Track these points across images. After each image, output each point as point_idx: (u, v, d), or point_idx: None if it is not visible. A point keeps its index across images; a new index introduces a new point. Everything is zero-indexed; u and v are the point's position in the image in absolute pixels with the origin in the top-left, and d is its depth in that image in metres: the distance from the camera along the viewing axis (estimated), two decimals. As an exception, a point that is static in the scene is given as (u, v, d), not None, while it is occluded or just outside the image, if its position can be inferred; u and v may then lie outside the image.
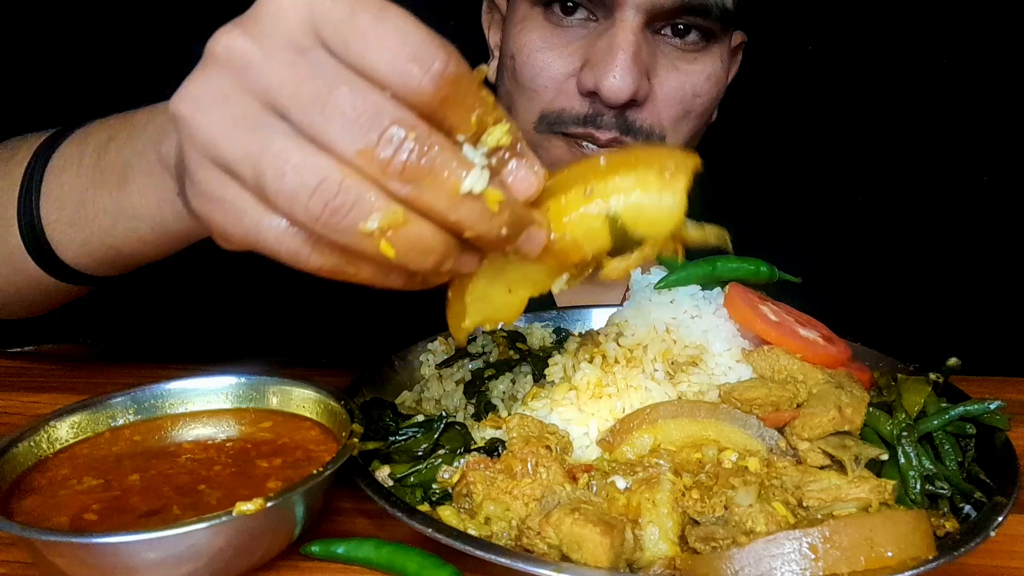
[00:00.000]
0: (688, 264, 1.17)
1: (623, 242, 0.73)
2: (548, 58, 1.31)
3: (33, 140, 1.07)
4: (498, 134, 0.63)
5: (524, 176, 0.66)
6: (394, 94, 0.59)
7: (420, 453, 0.99)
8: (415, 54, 0.59)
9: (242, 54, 0.63)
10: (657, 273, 1.17)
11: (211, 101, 0.63)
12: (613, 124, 1.30)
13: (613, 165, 0.71)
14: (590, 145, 1.33)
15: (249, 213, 0.63)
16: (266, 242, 0.64)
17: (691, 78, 1.34)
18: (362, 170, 0.60)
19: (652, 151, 0.73)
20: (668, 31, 1.31)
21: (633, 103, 1.28)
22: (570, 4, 1.29)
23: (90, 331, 1.35)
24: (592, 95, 1.29)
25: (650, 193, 0.71)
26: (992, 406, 1.00)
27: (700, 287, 1.15)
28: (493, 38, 1.52)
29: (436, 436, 1.01)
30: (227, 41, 0.64)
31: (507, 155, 0.64)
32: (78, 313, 1.26)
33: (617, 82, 1.23)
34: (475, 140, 0.63)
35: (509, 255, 0.69)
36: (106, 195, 0.95)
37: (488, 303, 0.76)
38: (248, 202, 0.63)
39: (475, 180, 0.61)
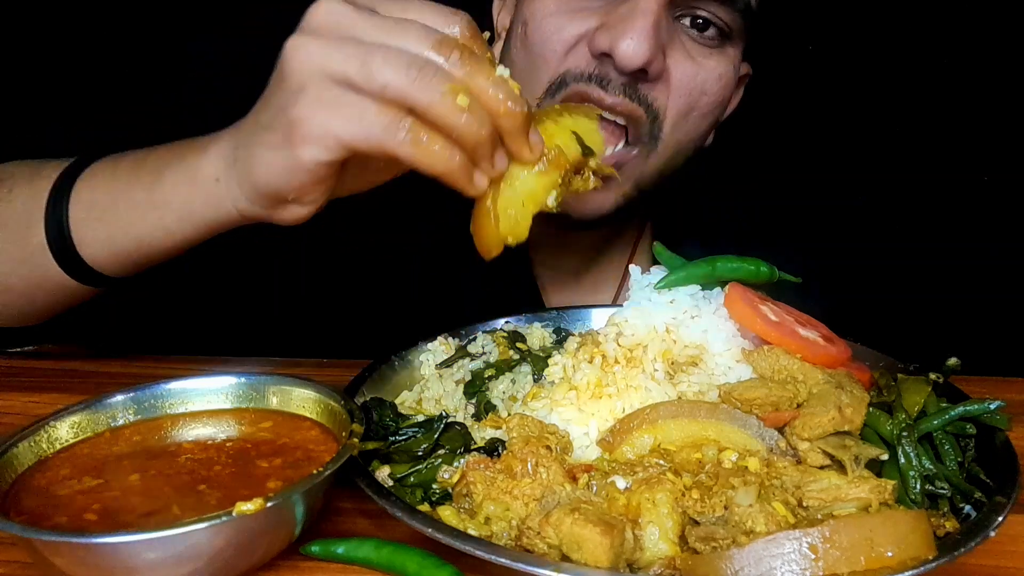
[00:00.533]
0: (688, 264, 1.17)
1: (582, 156, 1.00)
2: (561, 22, 1.29)
3: (58, 162, 1.18)
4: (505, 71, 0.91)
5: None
6: (440, 30, 0.88)
7: (420, 453, 0.99)
8: (449, 13, 0.90)
9: (337, 7, 0.88)
10: (657, 273, 1.17)
11: (322, 33, 0.88)
12: (620, 88, 1.27)
13: (563, 107, 1.04)
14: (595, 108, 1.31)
15: (357, 104, 0.86)
16: (368, 123, 0.86)
17: (703, 71, 1.32)
18: (436, 59, 0.85)
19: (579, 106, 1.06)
20: (688, 21, 1.29)
21: (644, 74, 1.26)
22: None
23: (90, 331, 1.35)
24: (603, 57, 1.25)
25: (591, 121, 1.05)
26: (992, 406, 1.00)
27: (700, 287, 1.15)
28: (502, 21, 1.51)
29: (436, 436, 1.01)
30: (323, 4, 0.89)
31: None
32: (78, 313, 1.27)
33: (634, 44, 1.20)
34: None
35: (521, 164, 0.94)
36: (139, 191, 1.08)
37: (510, 214, 0.96)
38: (354, 98, 0.86)
39: (503, 70, 0.90)
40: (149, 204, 1.07)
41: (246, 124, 0.99)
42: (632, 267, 1.22)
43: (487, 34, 0.93)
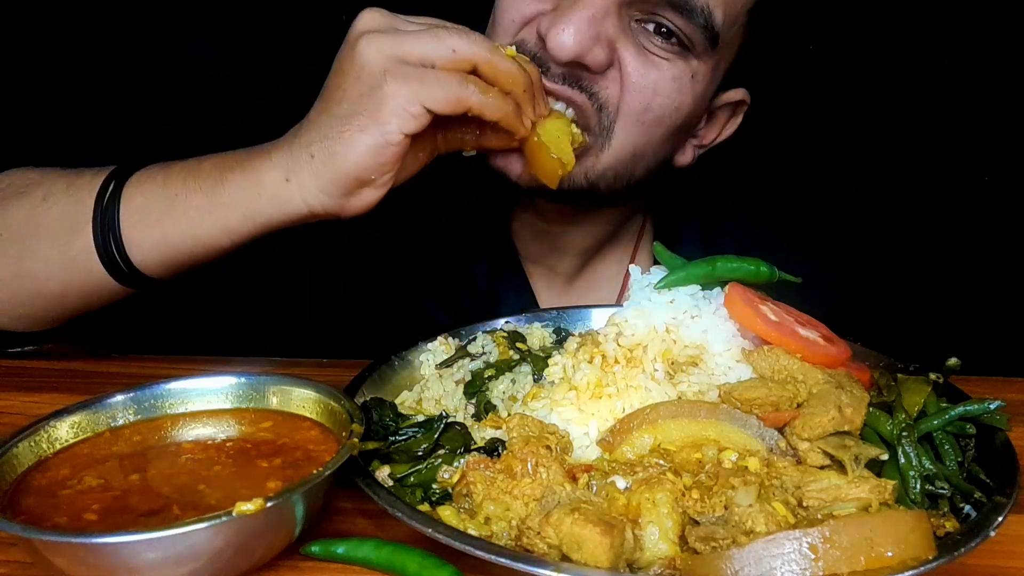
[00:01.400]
0: (688, 264, 1.17)
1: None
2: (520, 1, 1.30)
3: (93, 170, 1.24)
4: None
5: None
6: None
7: (420, 453, 0.99)
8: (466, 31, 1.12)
9: (383, 16, 1.11)
10: (657, 273, 1.17)
11: (383, 34, 1.07)
12: (560, 78, 1.26)
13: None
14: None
15: (431, 74, 1.06)
16: (445, 85, 1.05)
17: (657, 71, 1.29)
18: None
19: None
20: (651, 26, 1.28)
21: (584, 67, 1.25)
22: None
23: (90, 331, 1.36)
24: (542, 46, 1.25)
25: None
26: (992, 406, 1.00)
27: (700, 287, 1.15)
28: None
29: (436, 436, 1.01)
30: (370, 12, 1.10)
31: None
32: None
33: (563, 36, 1.20)
34: None
35: (544, 114, 1.22)
36: (198, 195, 1.16)
37: (557, 145, 1.21)
38: (427, 71, 1.06)
39: (510, 48, 1.18)
40: (211, 205, 1.15)
41: (314, 125, 1.11)
42: (632, 267, 1.22)
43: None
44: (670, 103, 1.32)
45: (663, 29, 1.28)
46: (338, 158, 1.08)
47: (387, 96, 1.04)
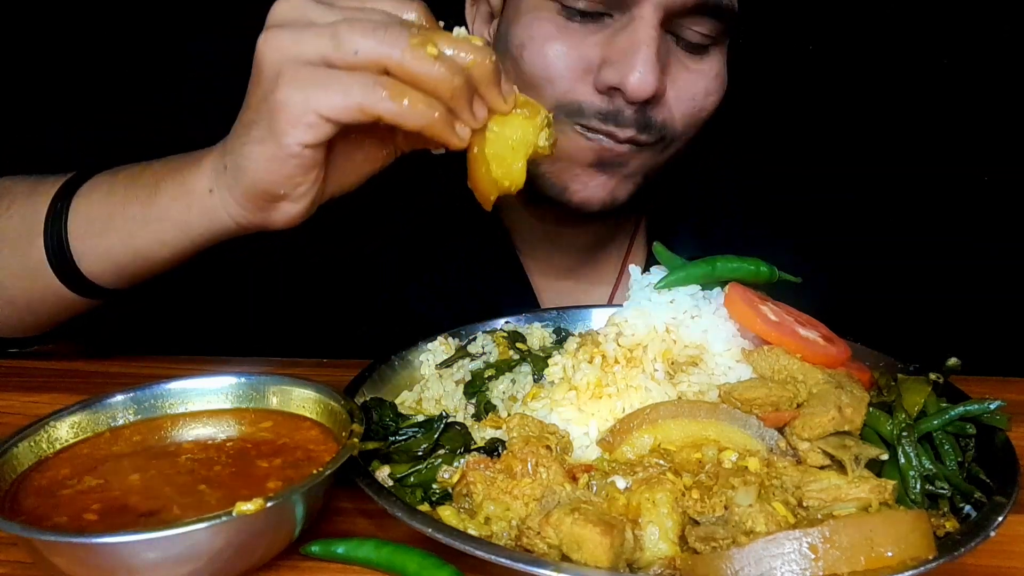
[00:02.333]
0: (688, 264, 1.17)
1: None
2: (563, 48, 1.31)
3: (55, 178, 1.21)
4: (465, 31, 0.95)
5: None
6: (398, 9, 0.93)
7: (420, 453, 0.99)
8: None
9: (298, 2, 0.94)
10: (657, 273, 1.17)
11: (288, 22, 0.93)
12: (632, 121, 1.31)
13: None
14: (609, 141, 1.33)
15: (332, 75, 0.90)
16: (346, 89, 0.89)
17: (703, 77, 1.36)
18: (402, 23, 0.90)
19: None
20: (682, 39, 1.32)
21: (652, 100, 1.29)
22: (584, 7, 1.29)
23: (90, 331, 1.35)
24: (613, 92, 1.29)
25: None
26: (992, 406, 1.00)
27: (700, 287, 1.14)
28: (478, 31, 1.51)
29: (436, 436, 1.01)
30: (284, 2, 0.95)
31: None
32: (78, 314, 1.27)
33: (642, 78, 1.24)
34: None
35: (501, 113, 0.97)
36: (136, 205, 1.10)
37: (503, 163, 0.99)
38: (328, 72, 0.90)
39: (460, 31, 0.93)
40: (146, 218, 1.10)
41: (233, 130, 1.01)
42: (632, 267, 1.22)
43: (442, 24, 0.96)
44: (719, 95, 1.39)
45: (694, 39, 1.33)
46: (241, 171, 0.98)
47: (279, 104, 0.91)
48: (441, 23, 0.96)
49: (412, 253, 1.55)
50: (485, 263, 1.58)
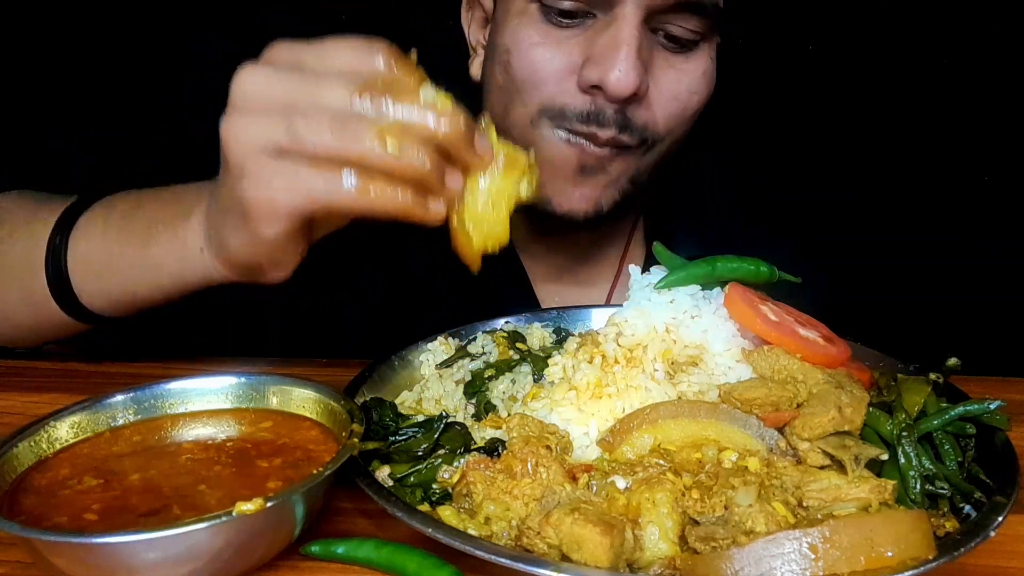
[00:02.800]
0: (688, 264, 1.17)
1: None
2: (547, 53, 1.31)
3: (53, 204, 1.23)
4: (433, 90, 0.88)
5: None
6: (360, 74, 0.86)
7: (420, 453, 0.99)
8: (367, 48, 0.88)
9: (258, 75, 0.89)
10: (657, 273, 1.17)
11: (247, 111, 0.88)
12: (613, 121, 1.30)
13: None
14: (590, 144, 1.33)
15: (294, 173, 0.86)
16: (309, 187, 0.86)
17: (687, 76, 1.35)
18: (358, 109, 0.85)
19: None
20: (663, 34, 1.32)
21: (633, 98, 1.29)
22: (567, 7, 1.29)
23: (90, 331, 1.36)
24: (594, 90, 1.29)
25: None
26: (992, 406, 1.00)
27: (700, 287, 1.14)
28: (474, 35, 1.52)
29: (436, 436, 1.01)
30: (244, 73, 0.89)
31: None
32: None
33: (623, 76, 1.24)
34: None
35: (479, 172, 0.93)
36: (132, 252, 1.13)
37: (483, 222, 0.95)
38: (290, 166, 0.86)
39: (429, 91, 0.87)
40: (143, 265, 1.13)
41: (213, 201, 1.02)
42: (632, 267, 1.22)
43: (414, 54, 0.90)
44: (705, 94, 1.38)
45: (678, 34, 1.32)
46: (223, 248, 1.01)
47: (246, 198, 0.89)
48: (413, 52, 0.90)
49: (412, 252, 1.54)
50: (485, 263, 1.57)
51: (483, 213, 0.95)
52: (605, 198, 1.39)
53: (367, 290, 1.54)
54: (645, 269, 1.20)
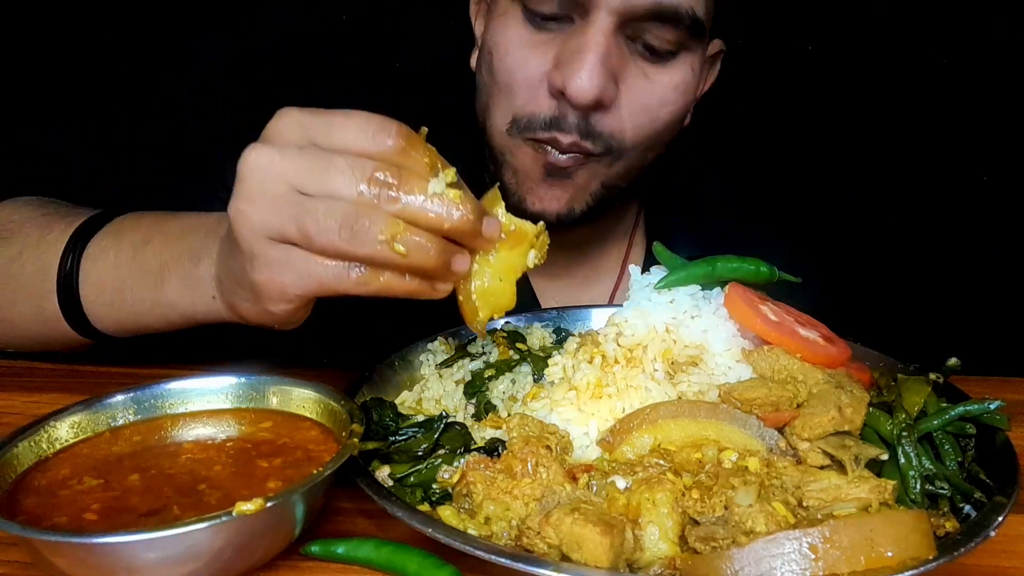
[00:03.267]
0: (688, 264, 1.17)
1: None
2: (523, 57, 1.30)
3: (61, 223, 1.24)
4: (451, 174, 0.87)
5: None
6: (370, 156, 0.86)
7: (420, 453, 0.99)
8: (378, 128, 0.86)
9: (265, 158, 0.87)
10: (657, 273, 1.17)
11: (256, 198, 0.87)
12: (575, 127, 1.29)
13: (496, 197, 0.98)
14: (554, 151, 1.32)
15: (303, 262, 0.87)
16: (319, 277, 0.87)
17: (658, 87, 1.32)
18: (367, 203, 0.85)
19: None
20: (640, 45, 1.30)
21: (599, 106, 1.27)
22: (547, 11, 1.28)
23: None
24: (560, 96, 1.28)
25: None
26: (992, 406, 1.00)
27: (700, 287, 1.15)
28: (479, 28, 1.51)
29: (436, 436, 1.01)
30: (251, 155, 0.87)
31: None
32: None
33: (583, 83, 1.23)
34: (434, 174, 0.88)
35: (487, 251, 0.94)
36: (144, 289, 1.14)
37: (490, 295, 0.96)
38: (300, 255, 0.87)
39: (437, 184, 0.86)
40: (154, 302, 1.14)
41: (223, 265, 1.01)
42: (632, 267, 1.22)
43: (424, 130, 0.91)
44: (676, 107, 1.36)
45: (655, 44, 1.30)
46: (234, 308, 1.02)
47: (257, 284, 0.91)
48: (423, 130, 0.90)
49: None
50: None
51: (490, 287, 0.96)
52: (577, 202, 1.38)
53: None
54: (645, 269, 1.20)
